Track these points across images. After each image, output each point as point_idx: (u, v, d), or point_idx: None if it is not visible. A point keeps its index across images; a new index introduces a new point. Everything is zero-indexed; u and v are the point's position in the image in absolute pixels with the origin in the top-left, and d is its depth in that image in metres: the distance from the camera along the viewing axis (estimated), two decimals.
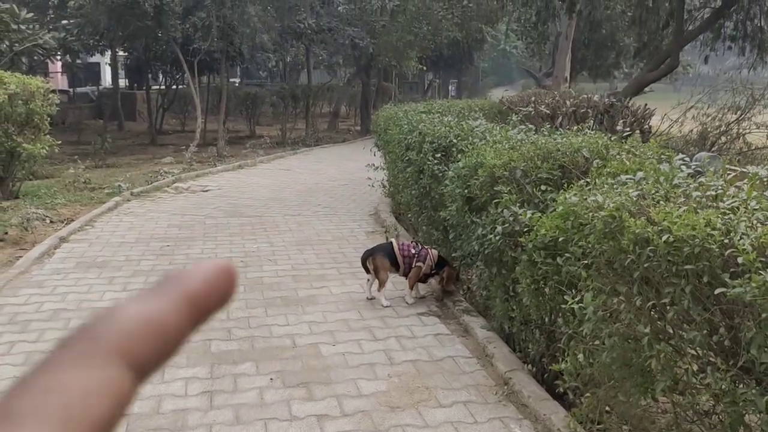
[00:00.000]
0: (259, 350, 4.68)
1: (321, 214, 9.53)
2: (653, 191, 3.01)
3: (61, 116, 25.33)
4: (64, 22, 19.17)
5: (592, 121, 6.97)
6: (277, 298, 5.78)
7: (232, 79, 43.57)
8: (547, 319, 3.99)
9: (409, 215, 7.52)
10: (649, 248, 2.64)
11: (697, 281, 2.47)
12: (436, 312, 5.52)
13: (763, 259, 2.21)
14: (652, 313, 2.77)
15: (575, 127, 5.10)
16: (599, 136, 4.26)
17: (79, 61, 33.99)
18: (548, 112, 7.89)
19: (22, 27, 16.56)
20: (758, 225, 2.38)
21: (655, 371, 2.75)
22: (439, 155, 5.70)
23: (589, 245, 3.07)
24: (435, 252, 5.73)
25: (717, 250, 2.36)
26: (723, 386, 2.42)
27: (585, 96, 8.49)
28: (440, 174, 5.62)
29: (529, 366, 4.30)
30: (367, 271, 5.71)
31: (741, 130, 11.91)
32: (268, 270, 6.63)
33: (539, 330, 4.13)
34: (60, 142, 12.10)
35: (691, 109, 11.53)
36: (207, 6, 16.80)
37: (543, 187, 4.02)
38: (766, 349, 2.23)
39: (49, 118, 11.36)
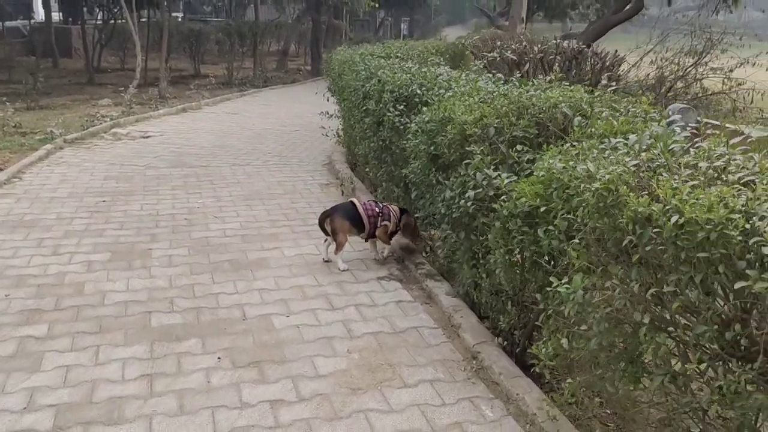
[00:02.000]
0: (205, 324, 4.27)
1: (271, 164, 9.00)
2: (652, 159, 2.67)
3: None
4: None
5: (558, 69, 6.57)
6: (224, 261, 5.33)
7: (174, 14, 41.53)
8: (520, 291, 3.68)
9: (367, 169, 7.08)
10: (652, 229, 2.31)
11: (710, 271, 2.15)
12: (398, 276, 5.18)
13: None
14: (650, 300, 2.45)
15: (548, 77, 4.72)
16: (578, 90, 3.88)
17: None
18: (515, 58, 7.45)
19: None
20: None
21: (651, 364, 2.47)
22: (401, 107, 5.25)
23: (578, 219, 2.73)
24: (395, 207, 5.38)
25: (739, 237, 2.03)
26: (735, 388, 2.14)
27: (554, 41, 8.05)
28: (402, 127, 5.19)
29: (500, 339, 4.01)
30: (325, 233, 5.30)
31: (698, 75, 11.74)
32: (214, 229, 6.14)
33: (511, 302, 3.83)
34: None
35: (649, 52, 11.27)
36: None
37: (519, 147, 3.65)
38: None
39: None
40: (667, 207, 2.25)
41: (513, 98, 4.04)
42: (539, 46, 7.79)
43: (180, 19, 36.38)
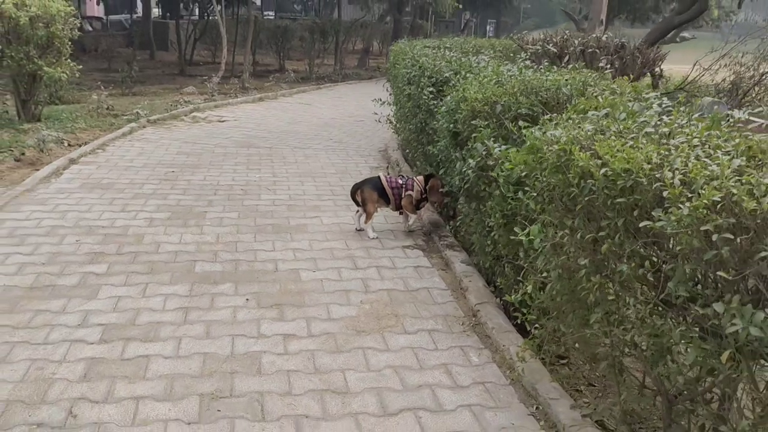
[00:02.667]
0: (240, 273, 4.83)
1: (330, 149, 9.57)
2: (611, 127, 2.99)
3: (94, 43, 25.53)
4: None
5: (603, 62, 6.77)
6: (268, 225, 5.91)
7: (267, 12, 43.18)
8: (514, 255, 4.02)
9: (407, 150, 7.51)
10: (590, 181, 2.65)
11: (629, 215, 2.47)
12: (422, 246, 5.59)
13: (689, 194, 2.20)
14: (590, 245, 2.78)
15: (569, 66, 5.01)
16: (583, 74, 4.18)
17: None
18: (555, 50, 7.70)
19: None
20: (694, 161, 2.35)
21: (591, 303, 2.79)
22: (434, 90, 5.66)
23: (542, 178, 3.08)
24: (420, 177, 5.73)
25: (647, 183, 2.35)
26: (644, 317, 2.45)
27: (595, 36, 8.22)
28: (434, 109, 5.59)
29: (498, 300, 4.36)
30: (357, 203, 5.77)
31: None
32: (265, 199, 6.74)
33: (509, 265, 4.17)
34: (81, 66, 12.10)
35: (724, 56, 11.10)
36: None
37: (521, 123, 3.99)
38: (683, 282, 2.24)
39: (70, 43, 11.38)
40: (601, 162, 2.59)
41: (526, 81, 4.38)
42: (579, 39, 7.98)
43: (272, 17, 37.90)
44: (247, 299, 4.39)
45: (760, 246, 1.99)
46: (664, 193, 2.25)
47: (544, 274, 3.13)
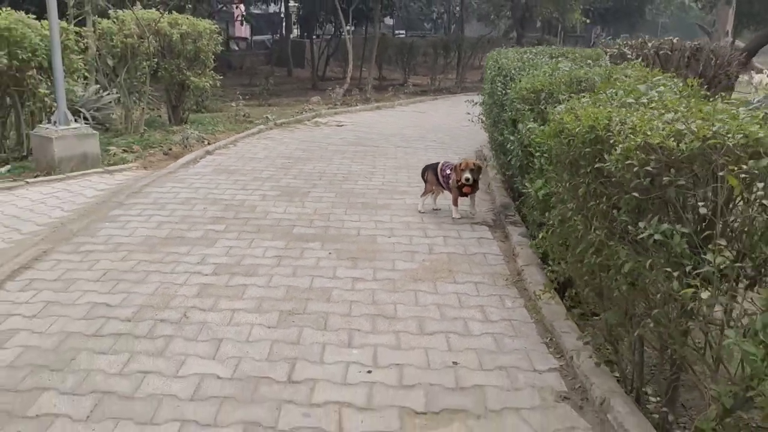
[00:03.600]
0: (328, 235, 5.80)
1: (430, 148, 10.43)
2: (606, 101, 3.63)
3: (239, 61, 28.14)
4: None
5: (677, 65, 7.13)
6: (359, 203, 6.87)
7: (398, 31, 44.88)
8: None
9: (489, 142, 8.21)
10: (572, 139, 3.33)
11: (594, 162, 3.14)
12: (489, 223, 6.31)
13: (634, 141, 2.85)
14: (575, 191, 3.45)
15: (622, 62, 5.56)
16: (614, 68, 4.78)
17: (260, 11, 36.89)
18: (629, 52, 8.09)
19: None
20: (639, 118, 2.99)
21: (575, 239, 3.45)
22: (503, 84, 6.38)
23: (548, 142, 3.77)
24: (468, 161, 6.23)
25: (603, 135, 3.02)
26: (603, 242, 3.10)
27: (669, 39, 8.49)
28: (504, 98, 6.30)
29: (540, 261, 5.01)
30: (425, 182, 6.59)
31: None
32: (361, 184, 7.73)
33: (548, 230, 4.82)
34: (226, 80, 13.77)
35: None
36: None
37: (558, 107, 4.66)
38: (626, 210, 2.89)
39: (214, 57, 13.07)
40: (579, 121, 3.27)
41: (573, 74, 5.03)
42: (653, 42, 8.29)
43: (403, 35, 39.51)
44: (329, 253, 5.34)
45: (666, 176, 2.63)
46: (611, 140, 2.92)
47: (551, 222, 3.81)
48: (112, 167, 8.26)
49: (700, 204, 2.49)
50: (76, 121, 8.45)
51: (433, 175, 6.47)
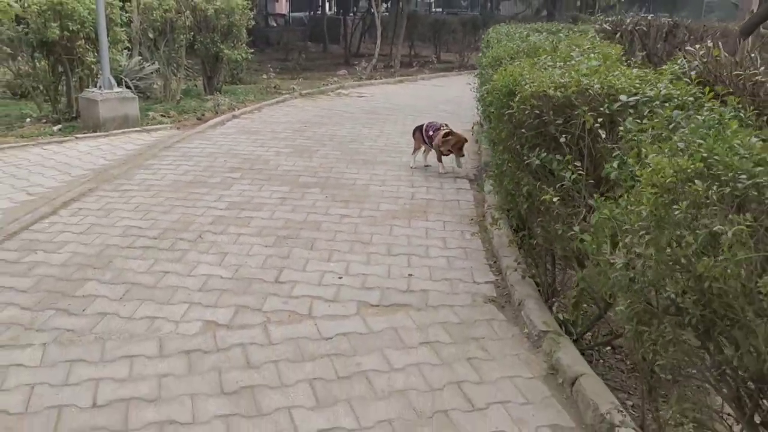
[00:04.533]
0: (328, 184, 6.75)
1: (438, 117, 11.23)
2: (549, 64, 4.46)
3: (277, 37, 29.13)
4: None
5: (654, 40, 7.79)
6: (359, 160, 7.80)
7: (436, 9, 45.32)
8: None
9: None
10: (498, 91, 4.19)
11: (535, 117, 3.99)
12: (470, 177, 7.17)
13: (528, 90, 3.70)
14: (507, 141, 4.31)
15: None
16: (571, 39, 5.57)
17: None
18: (609, 28, 8.76)
19: None
20: (543, 72, 3.84)
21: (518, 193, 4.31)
22: (486, 52, 7.20)
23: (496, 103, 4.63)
24: (441, 132, 7.10)
25: (513, 87, 3.88)
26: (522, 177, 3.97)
27: (648, 16, 9.11)
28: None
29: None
30: (414, 140, 7.45)
31: None
32: (366, 144, 8.65)
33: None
34: (261, 55, 14.68)
35: None
36: None
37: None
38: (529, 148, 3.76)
39: (248, 31, 14.03)
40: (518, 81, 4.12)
41: (534, 43, 5.84)
42: (631, 19, 8.93)
43: (441, 12, 39.99)
44: (326, 196, 6.30)
45: (546, 117, 3.49)
46: (526, 88, 3.77)
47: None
48: (149, 127, 9.34)
49: (562, 137, 3.35)
50: (118, 86, 9.53)
51: (420, 134, 7.34)
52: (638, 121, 2.80)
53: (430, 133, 7.24)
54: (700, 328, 2.20)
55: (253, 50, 14.88)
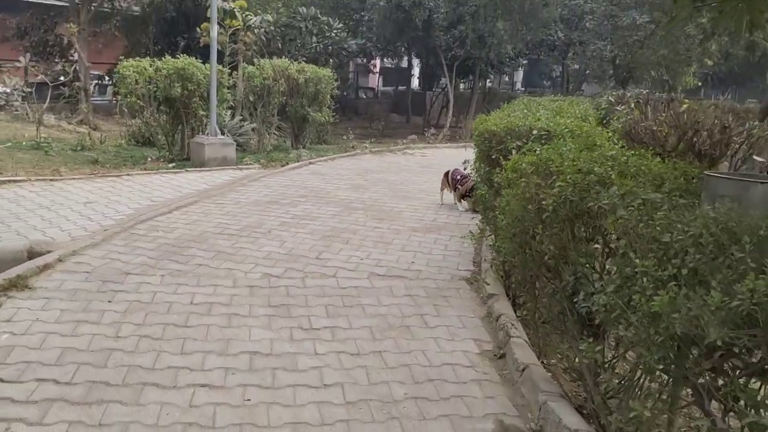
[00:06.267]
0: (371, 209, 8.71)
1: None
2: (515, 115, 6.32)
3: (365, 108, 32.03)
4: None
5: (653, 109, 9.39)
6: (402, 196, 9.78)
7: (520, 88, 47.62)
8: None
9: None
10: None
11: (488, 145, 5.85)
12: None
13: (490, 128, 5.57)
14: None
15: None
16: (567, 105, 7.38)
17: (390, 65, 40.88)
18: (612, 99, 10.39)
19: (333, 34, 22.59)
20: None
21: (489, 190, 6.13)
22: None
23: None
24: (470, 183, 8.90)
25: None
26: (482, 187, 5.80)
27: (647, 92, 10.67)
28: None
29: None
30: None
31: None
32: (410, 187, 10.65)
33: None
34: (346, 121, 17.09)
35: None
36: (465, 20, 21.09)
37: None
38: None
39: (330, 98, 16.49)
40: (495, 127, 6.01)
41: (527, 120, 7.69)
42: (634, 95, 10.54)
43: (520, 90, 42.18)
44: (366, 216, 8.24)
45: (491, 145, 5.34)
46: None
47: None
48: (242, 167, 11.72)
49: (494, 155, 5.17)
50: (222, 135, 11.99)
51: (445, 178, 9.21)
52: (524, 143, 4.61)
53: (457, 177, 9.11)
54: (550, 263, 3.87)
55: (339, 118, 17.36)
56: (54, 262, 5.65)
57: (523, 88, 46.61)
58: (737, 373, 2.52)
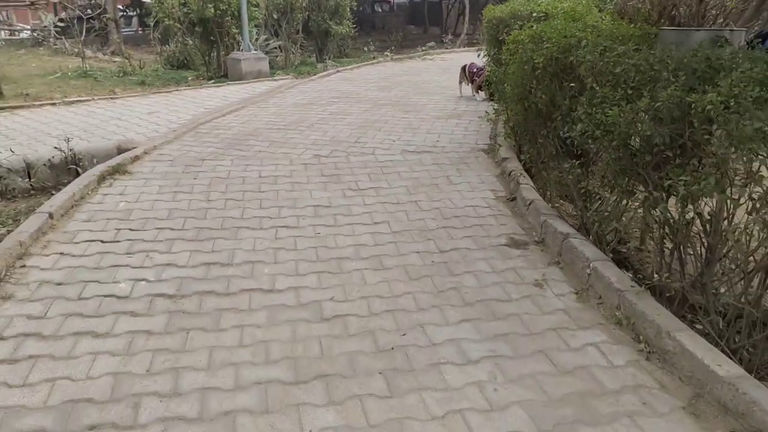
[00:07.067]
0: (398, 104, 9.77)
1: None
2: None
3: (382, 22, 32.33)
4: None
5: None
6: (424, 92, 10.81)
7: None
8: None
9: None
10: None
11: (495, 29, 6.82)
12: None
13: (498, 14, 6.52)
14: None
15: None
16: None
17: None
18: None
19: None
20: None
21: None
22: None
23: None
24: (486, 73, 9.83)
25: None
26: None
27: None
28: None
29: None
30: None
31: None
32: (432, 85, 11.66)
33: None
34: (358, 31, 17.83)
35: None
36: None
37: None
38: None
39: (354, 13, 17.19)
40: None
41: None
42: None
43: None
44: (394, 109, 9.31)
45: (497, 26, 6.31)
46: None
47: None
48: (276, 78, 12.76)
49: (501, 36, 6.15)
50: (254, 50, 12.96)
51: (463, 72, 10.15)
52: (525, 23, 5.58)
53: (474, 70, 10.04)
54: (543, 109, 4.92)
55: (358, 33, 18.07)
56: (141, 154, 6.86)
57: None
58: (671, 164, 3.61)
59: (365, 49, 19.04)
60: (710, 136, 3.06)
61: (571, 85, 4.17)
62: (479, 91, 10.01)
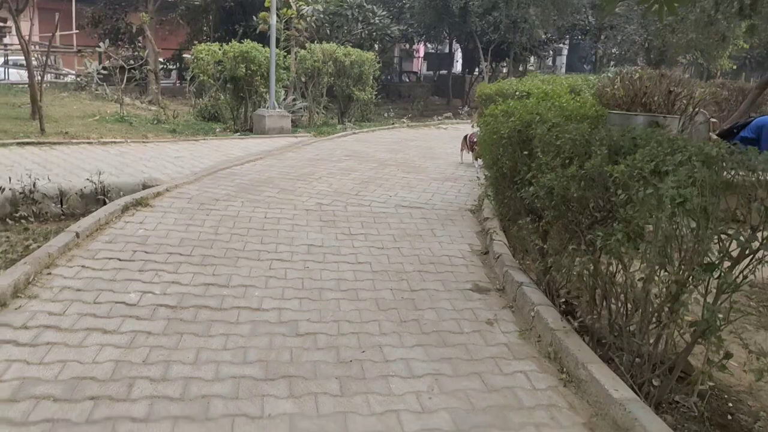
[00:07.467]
0: (402, 165, 10.55)
1: None
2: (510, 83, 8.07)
3: (408, 91, 33.72)
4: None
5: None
6: (429, 156, 11.60)
7: (561, 71, 48.44)
8: None
9: None
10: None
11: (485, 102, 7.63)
12: None
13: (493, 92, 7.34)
14: None
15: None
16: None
17: (433, 50, 42.30)
18: (610, 75, 11.92)
19: (377, 21, 24.35)
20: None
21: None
22: None
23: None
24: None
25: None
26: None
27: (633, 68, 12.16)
28: None
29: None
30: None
31: None
32: (438, 151, 12.43)
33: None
34: (382, 98, 18.95)
35: None
36: (499, 7, 22.66)
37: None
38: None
39: (374, 80, 18.31)
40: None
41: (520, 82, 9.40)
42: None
43: (562, 74, 43.19)
44: (398, 170, 10.09)
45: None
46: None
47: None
48: (297, 135, 13.70)
49: (487, 110, 6.95)
50: (279, 108, 13.99)
51: (464, 141, 10.98)
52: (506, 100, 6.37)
53: (474, 139, 10.85)
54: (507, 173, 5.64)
55: (383, 100, 19.20)
56: (163, 191, 7.67)
57: (565, 72, 47.62)
58: (597, 221, 4.28)
59: (386, 114, 20.08)
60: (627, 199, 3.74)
61: (526, 153, 4.89)
62: (478, 158, 10.78)
